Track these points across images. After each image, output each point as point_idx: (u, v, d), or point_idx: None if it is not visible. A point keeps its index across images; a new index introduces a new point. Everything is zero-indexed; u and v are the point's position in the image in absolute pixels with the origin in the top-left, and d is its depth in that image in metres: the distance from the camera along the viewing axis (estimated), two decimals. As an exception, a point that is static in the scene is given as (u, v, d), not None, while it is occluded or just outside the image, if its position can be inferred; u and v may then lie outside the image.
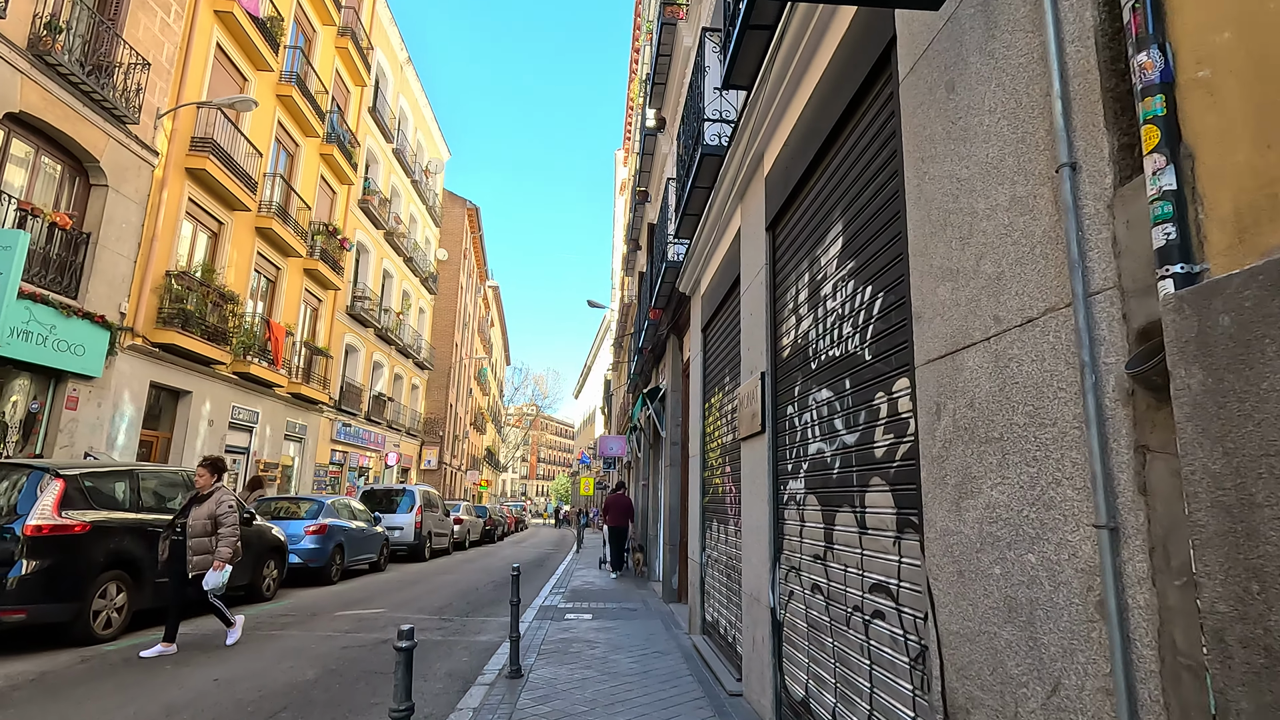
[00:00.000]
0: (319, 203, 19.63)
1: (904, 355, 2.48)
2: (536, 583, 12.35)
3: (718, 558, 5.85)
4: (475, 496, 48.20)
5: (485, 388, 51.42)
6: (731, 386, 5.45)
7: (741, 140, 4.74)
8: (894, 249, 2.61)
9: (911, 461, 2.37)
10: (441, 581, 11.99)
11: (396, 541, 15.98)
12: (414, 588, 11.04)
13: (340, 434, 21.69)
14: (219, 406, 14.69)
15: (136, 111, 11.40)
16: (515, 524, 39.66)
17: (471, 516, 23.15)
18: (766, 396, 4.21)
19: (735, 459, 5.17)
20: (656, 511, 11.89)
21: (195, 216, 13.69)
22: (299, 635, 6.86)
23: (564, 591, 10.53)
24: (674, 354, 9.70)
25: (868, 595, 2.71)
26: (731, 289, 5.53)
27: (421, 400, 32.18)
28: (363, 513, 13.15)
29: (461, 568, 14.95)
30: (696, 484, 6.77)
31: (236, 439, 15.69)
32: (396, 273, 27.10)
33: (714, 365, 6.34)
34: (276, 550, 9.32)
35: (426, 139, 31.03)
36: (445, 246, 34.82)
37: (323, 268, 19.07)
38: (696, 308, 7.27)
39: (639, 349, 13.34)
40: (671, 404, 9.54)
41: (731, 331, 5.55)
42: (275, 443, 17.45)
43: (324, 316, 20.36)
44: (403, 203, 27.75)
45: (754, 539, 4.44)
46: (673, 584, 9.26)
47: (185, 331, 12.67)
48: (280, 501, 11.70)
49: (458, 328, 35.90)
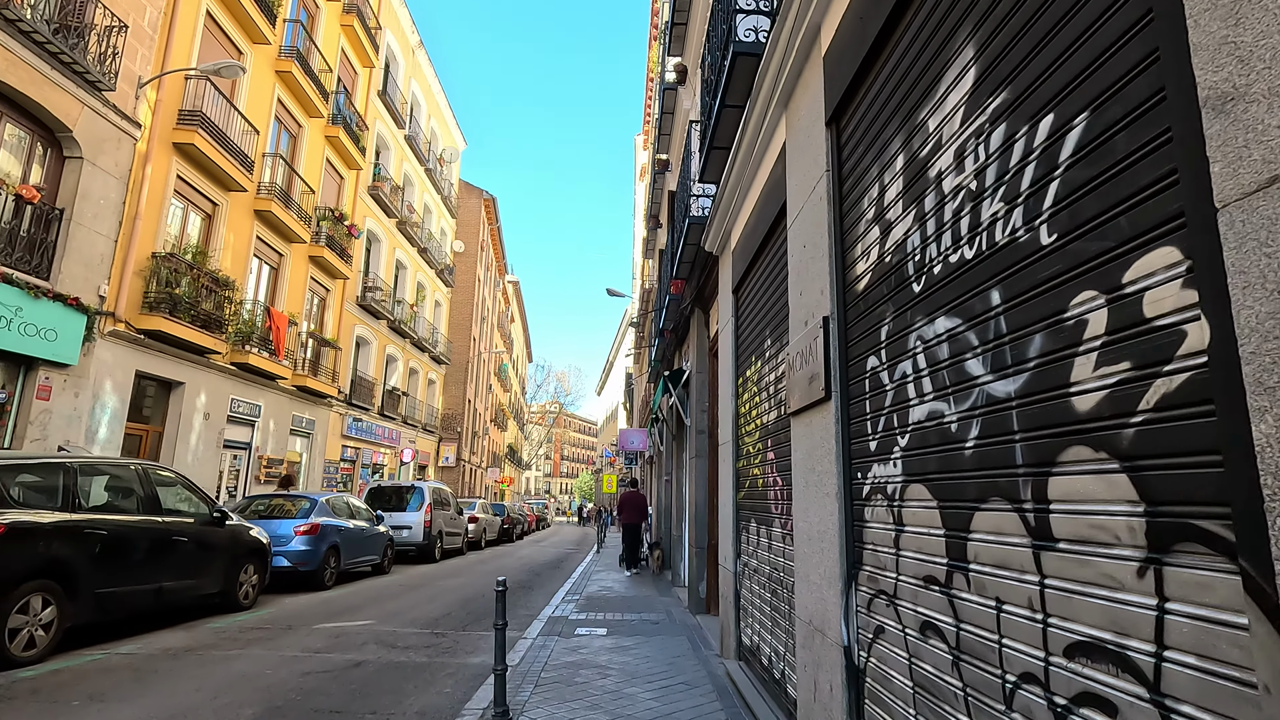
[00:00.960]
0: (325, 188, 18.80)
1: (1163, 205, 1.28)
2: (550, 587, 11.27)
3: (758, 568, 4.66)
4: (497, 494, 47.50)
5: (506, 384, 50.67)
6: (774, 350, 4.26)
7: (788, 18, 3.55)
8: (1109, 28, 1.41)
9: (1192, 409, 1.18)
10: (446, 586, 10.96)
11: (404, 542, 15.03)
12: (414, 593, 10.02)
13: (351, 429, 20.88)
14: (216, 399, 13.85)
15: (113, 78, 10.52)
16: (537, 522, 38.79)
17: (488, 515, 22.20)
18: (832, 350, 3.02)
19: (782, 442, 3.98)
20: (681, 509, 10.72)
21: (185, 196, 12.83)
22: (259, 655, 5.83)
23: (578, 598, 9.42)
24: (699, 331, 8.52)
25: (1059, 659, 1.51)
26: (773, 228, 4.35)
27: (439, 395, 31.39)
28: (363, 511, 12.18)
29: (472, 570, 13.94)
30: (728, 477, 5.60)
31: (236, 433, 14.86)
32: (410, 264, 26.27)
33: (749, 330, 5.15)
34: (256, 553, 8.35)
35: (441, 127, 30.18)
36: (462, 238, 33.99)
37: (329, 255, 18.22)
38: (726, 267, 6.09)
39: (660, 331, 12.17)
40: (697, 387, 8.37)
41: (773, 282, 4.36)
42: (280, 438, 16.63)
43: (332, 307, 19.53)
44: (416, 192, 26.91)
45: (813, 547, 3.26)
46: (700, 592, 8.09)
47: (174, 318, 11.82)
48: (269, 500, 10.75)
49: (475, 321, 35.06)
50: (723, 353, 6.11)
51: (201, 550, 7.16)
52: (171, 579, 6.72)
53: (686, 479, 10.21)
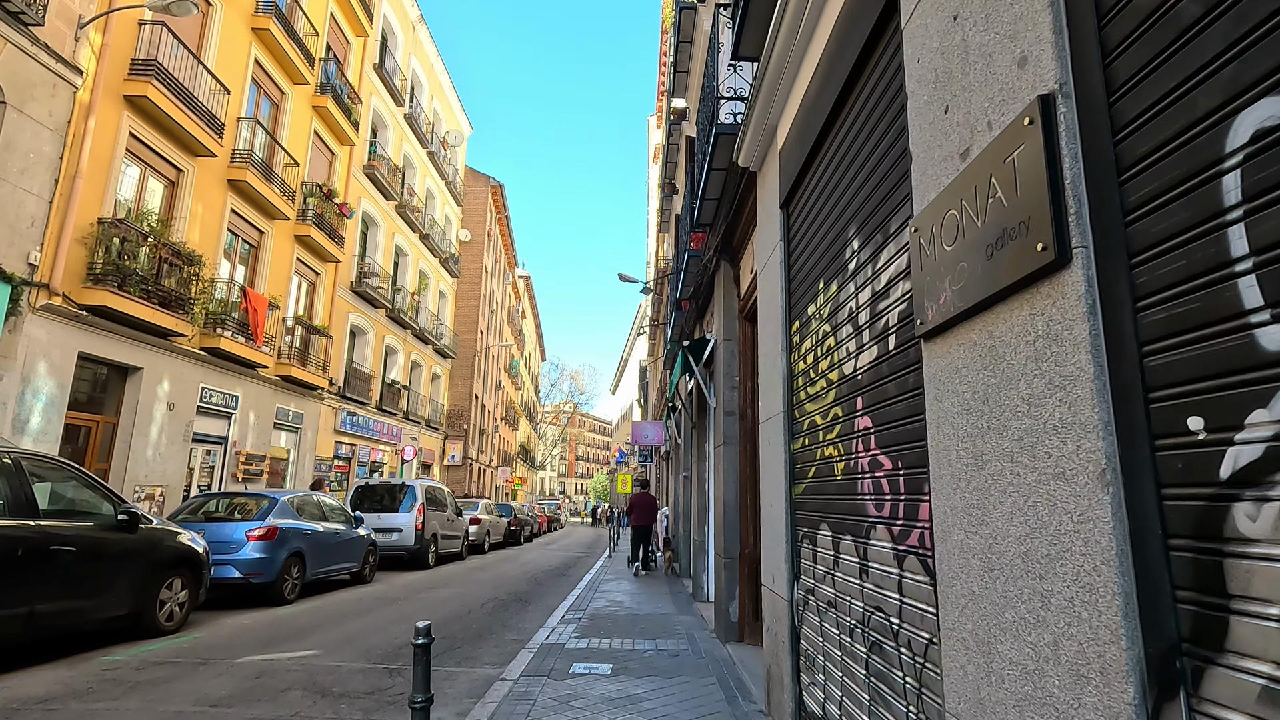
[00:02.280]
0: (313, 162, 17.39)
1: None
2: (550, 600, 9.68)
3: (836, 601, 3.01)
4: (509, 495, 46.09)
5: (518, 381, 49.27)
6: (870, 251, 2.62)
7: None
8: None
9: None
10: (430, 600, 9.40)
11: (393, 546, 13.53)
12: (387, 610, 8.48)
13: (345, 424, 19.46)
14: (182, 387, 12.44)
15: (41, 10, 9.10)
16: (548, 523, 37.26)
17: (492, 516, 20.68)
18: (1070, 160, 1.38)
19: (895, 396, 2.32)
20: (703, 510, 9.08)
21: (141, 157, 11.42)
22: (129, 713, 4.29)
23: (580, 617, 7.82)
24: (725, 290, 6.88)
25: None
26: (851, 78, 2.72)
27: (444, 391, 29.98)
28: (337, 511, 10.67)
29: (466, 579, 12.39)
30: (778, 464, 3.95)
31: (208, 426, 13.45)
32: (412, 251, 24.86)
33: (812, 247, 3.51)
34: (186, 564, 6.84)
35: (445, 109, 28.77)
36: (468, 227, 32.58)
37: (318, 235, 16.81)
38: (768, 182, 4.45)
39: (676, 303, 10.55)
40: (724, 359, 6.74)
41: (870, 136, 2.72)
42: (261, 431, 15.21)
43: (322, 292, 18.11)
44: (418, 175, 25.50)
45: (1008, 583, 1.61)
46: (731, 614, 6.45)
47: (124, 293, 10.39)
48: (222, 499, 9.25)
49: (483, 314, 33.62)
50: (765, 299, 4.48)
51: (98, 562, 5.65)
52: (49, 600, 5.20)
53: (710, 473, 8.60)
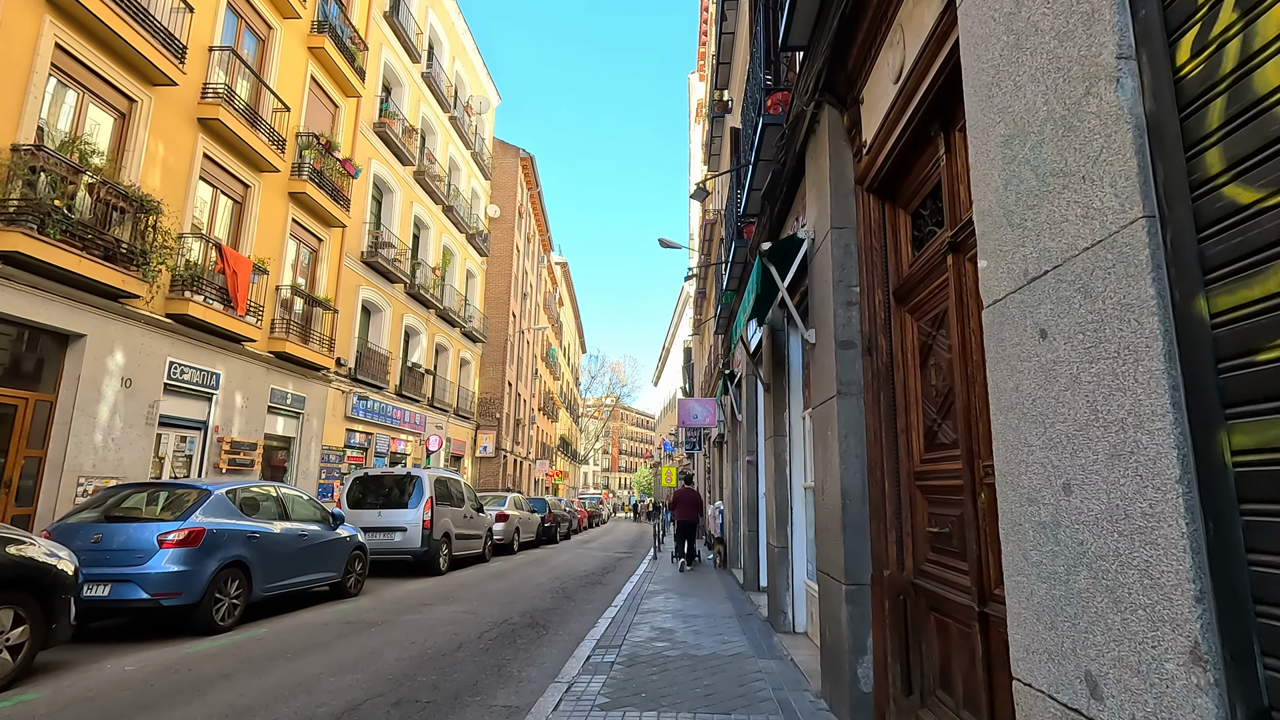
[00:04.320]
0: (311, 112, 15.33)
1: None
2: (576, 624, 7.26)
3: None
4: (549, 489, 44.13)
5: (556, 371, 47.22)
6: None
7: None
8: None
9: None
10: (415, 627, 7.07)
11: (395, 549, 11.34)
12: (349, 644, 6.17)
13: (358, 410, 17.46)
14: (142, 361, 10.44)
15: None
16: (588, 519, 35.06)
17: (522, 512, 18.42)
18: None
19: None
20: (784, 503, 6.47)
21: (75, 77, 9.38)
22: None
23: (614, 659, 5.37)
24: (833, 151, 4.29)
25: None
26: None
27: (474, 378, 27.96)
28: (305, 504, 8.46)
29: (479, 589, 10.08)
30: (1149, 377, 1.22)
31: (181, 408, 11.46)
32: (434, 223, 22.80)
33: None
34: (28, 586, 4.61)
35: (469, 73, 26.64)
36: (497, 203, 30.47)
37: (317, 194, 14.76)
38: None
39: (738, 227, 7.95)
40: (836, 261, 4.16)
41: None
42: (252, 416, 13.23)
43: (326, 260, 16.09)
44: (439, 142, 23.41)
45: None
46: (859, 678, 3.87)
47: (45, 238, 8.36)
48: (136, 491, 7.06)
49: (515, 296, 31.49)
50: None
51: None
52: None
53: (798, 449, 6.03)
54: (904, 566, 3.66)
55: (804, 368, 6.24)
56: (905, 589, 3.61)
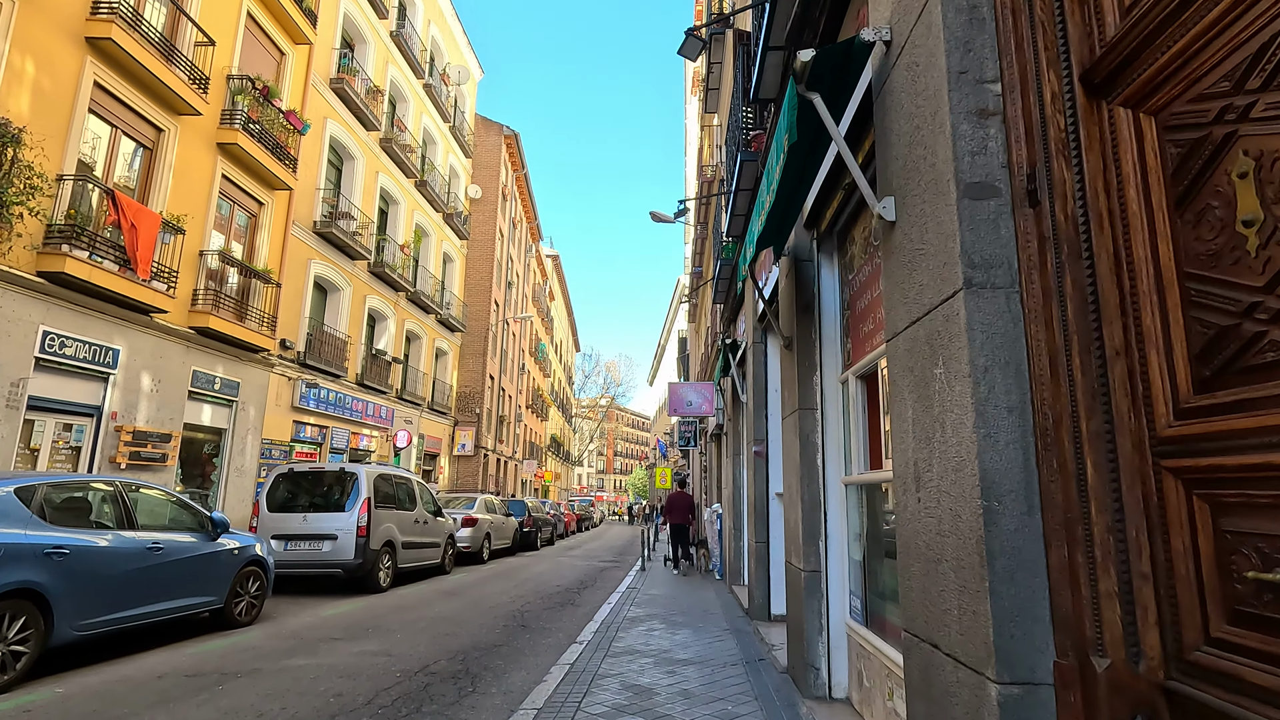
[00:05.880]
0: (247, 54, 13.28)
1: None
2: (520, 673, 5.24)
3: None
4: (537, 490, 42.05)
5: (546, 367, 45.14)
6: None
7: None
8: None
9: None
10: (298, 677, 5.04)
11: (323, 561, 9.30)
12: (168, 712, 4.12)
13: (308, 399, 15.39)
14: (2, 328, 8.39)
15: None
16: (577, 523, 32.99)
17: (495, 515, 16.36)
18: None
19: None
20: (816, 504, 4.42)
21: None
22: None
23: None
24: None
25: None
26: None
27: (452, 370, 25.89)
28: (167, 506, 6.40)
29: (413, 616, 8.02)
30: None
31: (63, 389, 9.41)
32: (404, 198, 20.76)
33: None
34: None
35: (446, 40, 24.61)
36: (479, 183, 28.42)
37: (252, 147, 12.72)
38: None
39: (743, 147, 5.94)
40: (953, 31, 2.06)
41: None
42: (166, 402, 11.16)
43: (268, 227, 14.03)
44: (411, 109, 21.38)
45: None
46: None
47: None
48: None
49: (498, 284, 29.43)
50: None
51: None
52: None
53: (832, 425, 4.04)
54: (1140, 651, 1.63)
55: (845, 307, 4.21)
56: (1146, 702, 1.59)
